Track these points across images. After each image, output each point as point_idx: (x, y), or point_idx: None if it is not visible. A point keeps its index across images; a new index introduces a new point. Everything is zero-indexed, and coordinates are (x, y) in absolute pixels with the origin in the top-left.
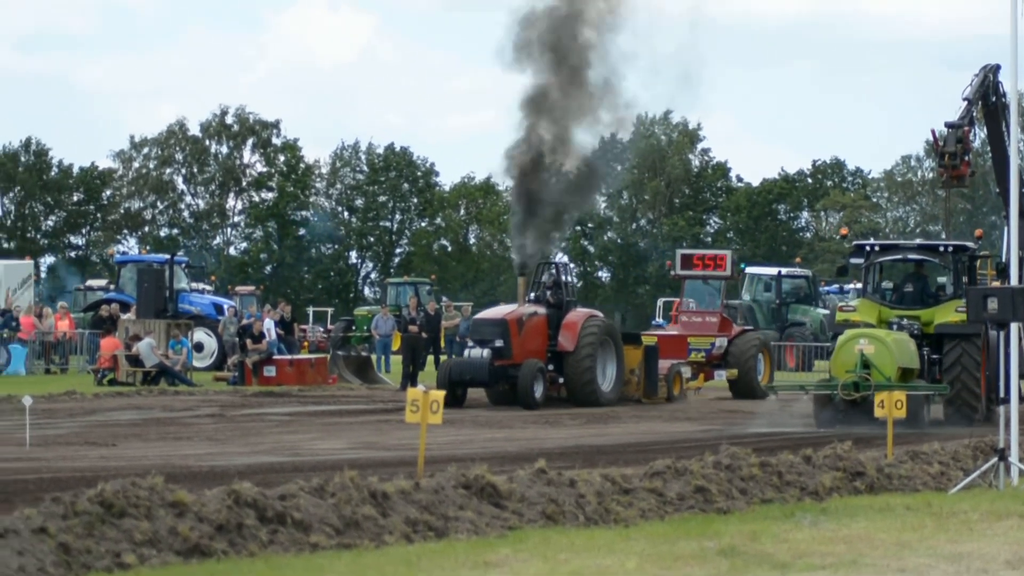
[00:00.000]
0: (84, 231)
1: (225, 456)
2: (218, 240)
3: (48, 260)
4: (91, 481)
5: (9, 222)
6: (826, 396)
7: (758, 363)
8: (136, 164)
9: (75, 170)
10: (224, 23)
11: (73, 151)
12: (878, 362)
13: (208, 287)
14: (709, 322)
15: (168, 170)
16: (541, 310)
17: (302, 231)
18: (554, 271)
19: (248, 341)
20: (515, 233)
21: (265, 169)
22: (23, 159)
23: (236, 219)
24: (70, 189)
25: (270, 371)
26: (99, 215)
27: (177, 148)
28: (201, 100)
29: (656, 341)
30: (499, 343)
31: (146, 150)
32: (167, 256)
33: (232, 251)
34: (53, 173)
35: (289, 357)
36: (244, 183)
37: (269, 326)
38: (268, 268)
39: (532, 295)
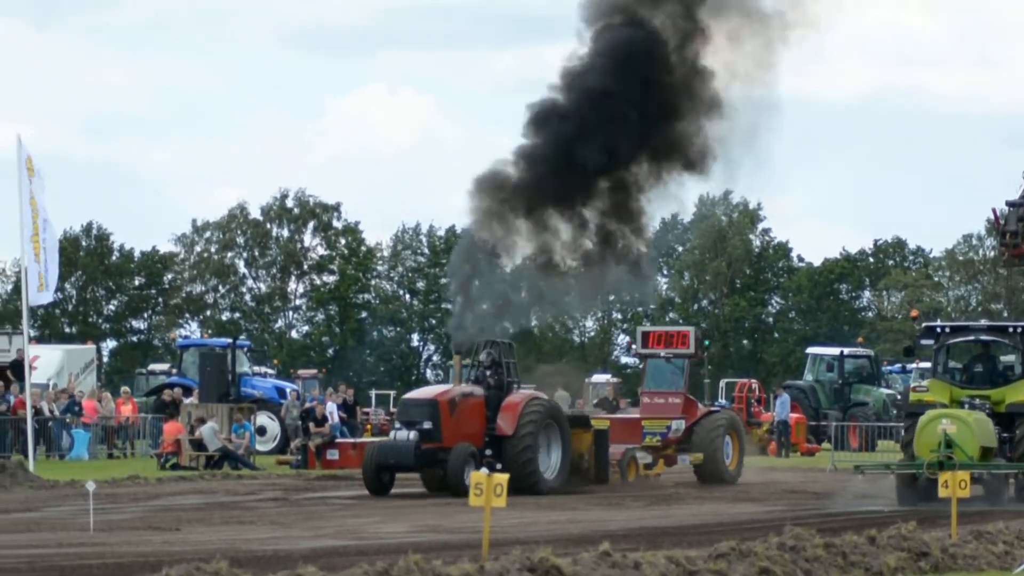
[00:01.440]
0: (146, 315)
1: (289, 540)
2: (280, 323)
3: (110, 344)
4: (155, 566)
5: (71, 307)
6: (910, 475)
7: (726, 446)
8: (198, 248)
9: (136, 254)
10: (285, 107)
11: (134, 235)
12: (961, 441)
13: (270, 371)
14: (672, 403)
15: (229, 254)
16: (478, 391)
17: (364, 314)
18: (493, 351)
19: (311, 424)
20: (456, 309)
21: (326, 252)
22: (84, 243)
23: (298, 302)
24: (131, 273)
25: (333, 454)
26: (160, 299)
27: (238, 231)
28: (262, 184)
29: (608, 425)
30: (427, 425)
31: (207, 234)
32: (229, 340)
33: (294, 334)
34: (114, 257)
35: (352, 440)
36: (305, 266)
37: (332, 409)
38: (330, 351)
39: (472, 376)
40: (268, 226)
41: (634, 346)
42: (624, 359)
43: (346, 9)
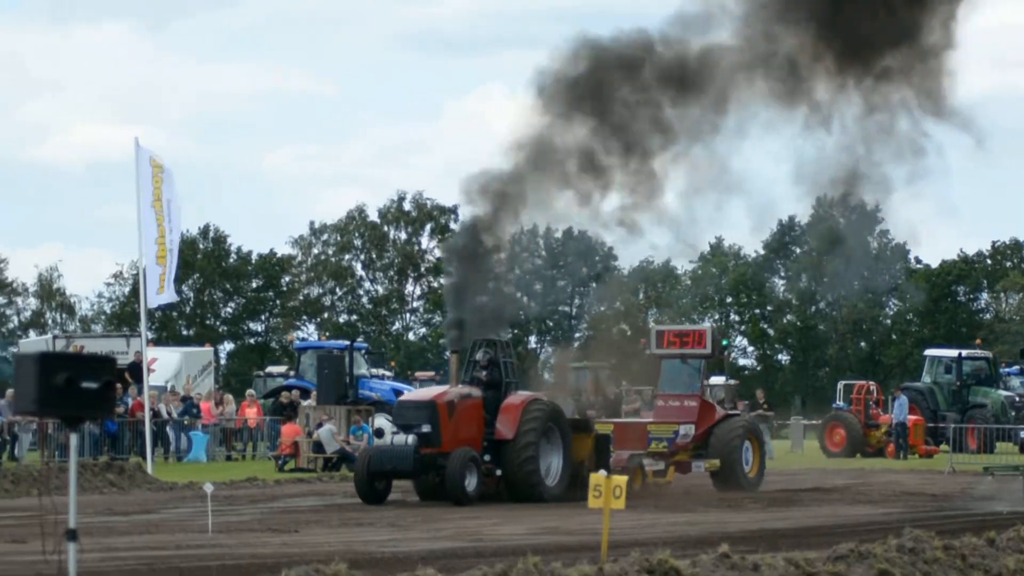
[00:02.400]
0: (263, 318)
1: (407, 542)
2: (397, 326)
3: (227, 347)
4: (273, 568)
5: (188, 309)
6: None
7: (744, 452)
8: (315, 250)
9: (254, 257)
10: (403, 108)
11: (252, 238)
12: None
13: (388, 373)
14: (688, 407)
15: (347, 256)
16: (476, 392)
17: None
18: (490, 349)
19: None
20: (450, 303)
21: (444, 255)
22: (202, 246)
23: (415, 304)
24: (249, 276)
25: None
26: (278, 302)
27: (356, 234)
28: (380, 186)
29: (612, 429)
30: (426, 428)
31: (325, 236)
32: (347, 342)
33: (411, 336)
34: (232, 260)
35: None
36: (423, 268)
37: None
38: (447, 353)
39: (467, 375)
40: (385, 228)
41: (648, 346)
42: (741, 361)
43: (464, 10)
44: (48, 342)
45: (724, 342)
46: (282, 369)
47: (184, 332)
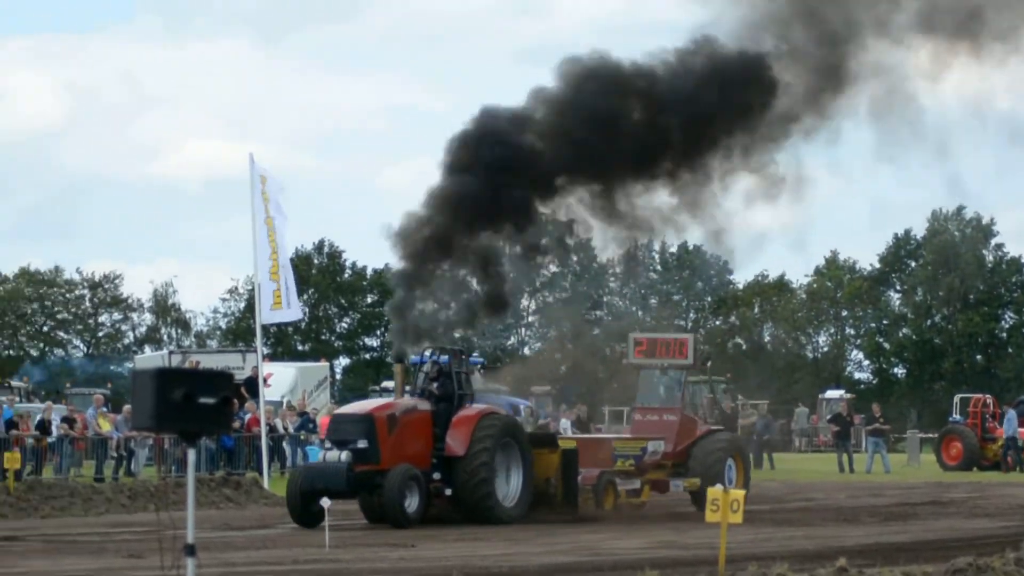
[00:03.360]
0: (378, 332)
1: (523, 556)
2: (512, 340)
3: (343, 362)
4: None
5: (304, 324)
6: None
7: (727, 470)
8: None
9: (368, 272)
10: None
11: (367, 253)
12: None
13: (503, 387)
14: (667, 421)
15: (462, 271)
16: (424, 405)
17: (596, 331)
18: (439, 359)
19: None
20: (393, 309)
21: (558, 269)
22: (316, 261)
23: (530, 319)
24: (364, 291)
25: None
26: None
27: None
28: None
29: (575, 445)
30: (362, 444)
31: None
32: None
33: (526, 351)
34: (346, 275)
35: None
36: (538, 283)
37: (565, 425)
38: (563, 368)
39: (418, 387)
40: (502, 243)
41: (626, 356)
42: (857, 374)
43: (583, 25)
44: (164, 358)
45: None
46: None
47: (299, 347)
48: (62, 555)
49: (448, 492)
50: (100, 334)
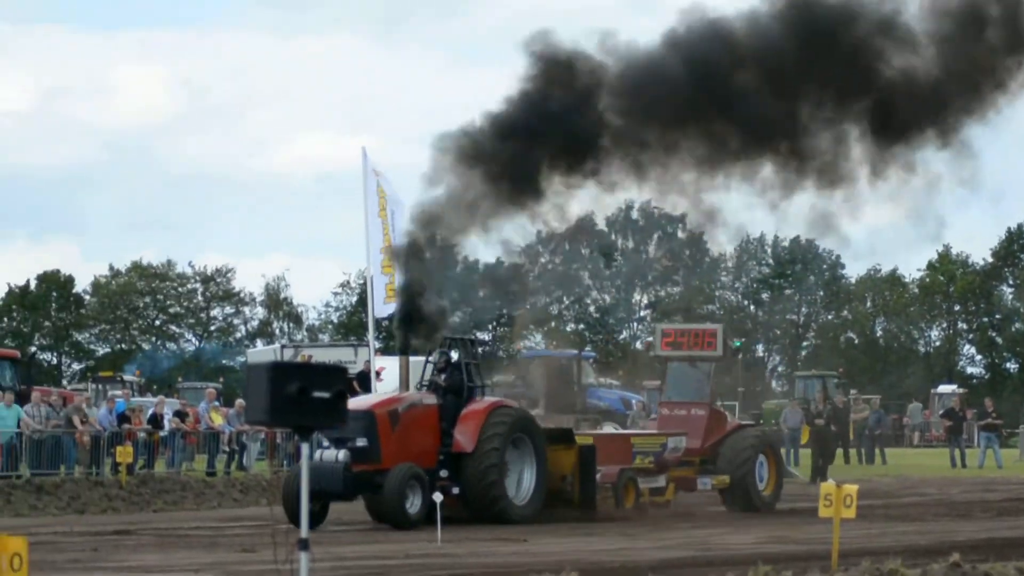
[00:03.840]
0: (490, 327)
1: (636, 551)
2: (624, 335)
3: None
4: None
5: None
6: None
7: (758, 467)
8: (543, 259)
9: (480, 266)
10: None
11: (479, 247)
12: None
13: (615, 382)
14: (695, 415)
15: (575, 265)
16: (430, 399)
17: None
18: (450, 349)
19: None
20: (399, 294)
21: (670, 263)
22: (428, 255)
23: (642, 313)
24: (476, 285)
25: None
26: (505, 311)
27: (584, 243)
28: (609, 197)
29: (592, 441)
30: (361, 442)
31: (552, 245)
32: (575, 351)
33: (637, 345)
34: (459, 269)
35: None
36: (650, 277)
37: None
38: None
39: (423, 381)
40: (613, 237)
41: (652, 348)
42: (969, 369)
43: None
44: (276, 352)
45: (736, 343)
46: (510, 379)
47: (412, 341)
48: (174, 549)
49: (455, 491)
50: (212, 328)
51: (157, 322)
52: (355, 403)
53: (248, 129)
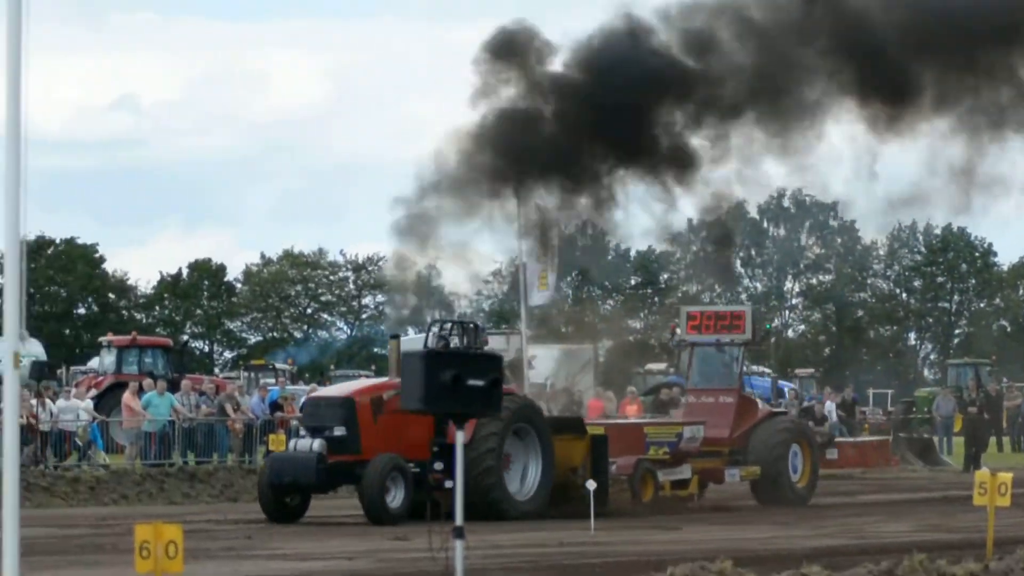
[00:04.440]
0: (642, 315)
1: (789, 540)
2: (776, 322)
3: (605, 344)
4: (657, 565)
5: (567, 307)
6: None
7: (792, 457)
8: (694, 247)
9: (632, 253)
10: None
11: (630, 234)
12: None
13: (767, 370)
14: (723, 403)
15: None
16: None
17: (860, 312)
18: (449, 333)
19: (810, 423)
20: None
21: (822, 251)
22: (580, 243)
23: (794, 301)
24: (628, 273)
25: (832, 454)
26: (656, 298)
27: (735, 231)
28: (761, 183)
29: (603, 431)
30: (339, 431)
31: (704, 233)
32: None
33: (790, 333)
34: (610, 257)
35: (851, 439)
36: (802, 265)
37: (830, 408)
38: (826, 350)
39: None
40: (765, 225)
41: (678, 331)
42: None
43: None
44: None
45: (767, 326)
46: (661, 366)
47: (563, 329)
48: (328, 536)
49: (448, 484)
50: (364, 316)
51: (308, 310)
52: (333, 389)
53: (399, 117)
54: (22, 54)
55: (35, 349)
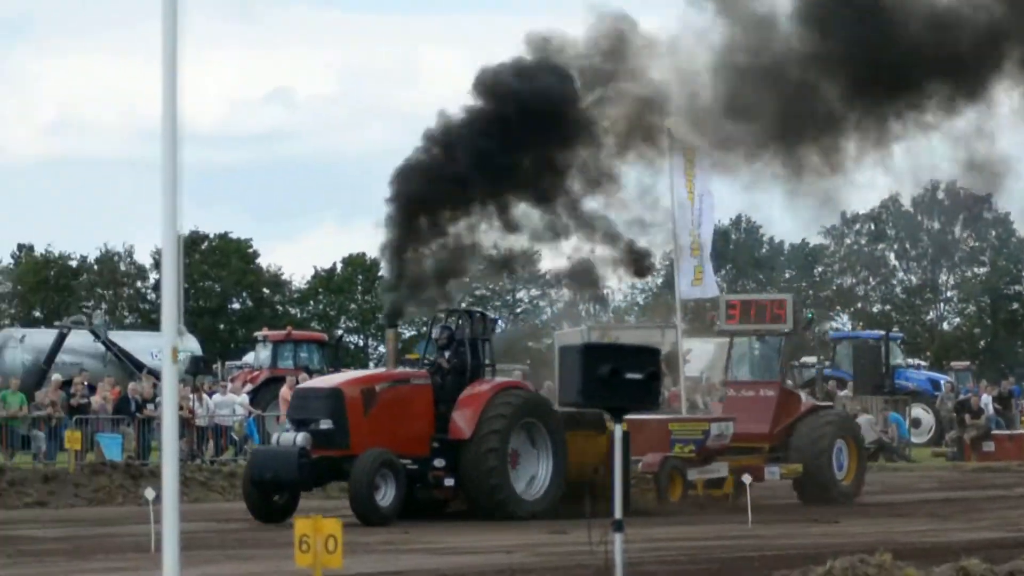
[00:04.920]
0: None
1: (946, 532)
2: (931, 315)
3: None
4: (815, 558)
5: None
6: None
7: (837, 453)
8: (848, 240)
9: (786, 247)
10: None
11: (784, 228)
12: None
13: (923, 363)
14: (764, 397)
15: (880, 245)
16: (420, 378)
17: (1015, 305)
18: (452, 324)
19: (966, 416)
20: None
21: (976, 243)
22: (734, 237)
23: (948, 294)
24: (782, 267)
25: (988, 446)
26: (811, 291)
27: (889, 223)
28: (910, 176)
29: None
30: (325, 424)
31: (857, 226)
32: (882, 332)
33: (944, 326)
34: (764, 251)
35: (1008, 432)
36: (956, 258)
37: (986, 401)
38: (981, 343)
39: (424, 358)
40: (919, 218)
41: (717, 322)
42: None
43: None
44: (582, 333)
45: (808, 315)
46: (815, 359)
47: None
48: (485, 530)
49: (449, 482)
50: (518, 310)
51: (463, 304)
52: (322, 380)
53: None
54: (177, 49)
55: (191, 344)
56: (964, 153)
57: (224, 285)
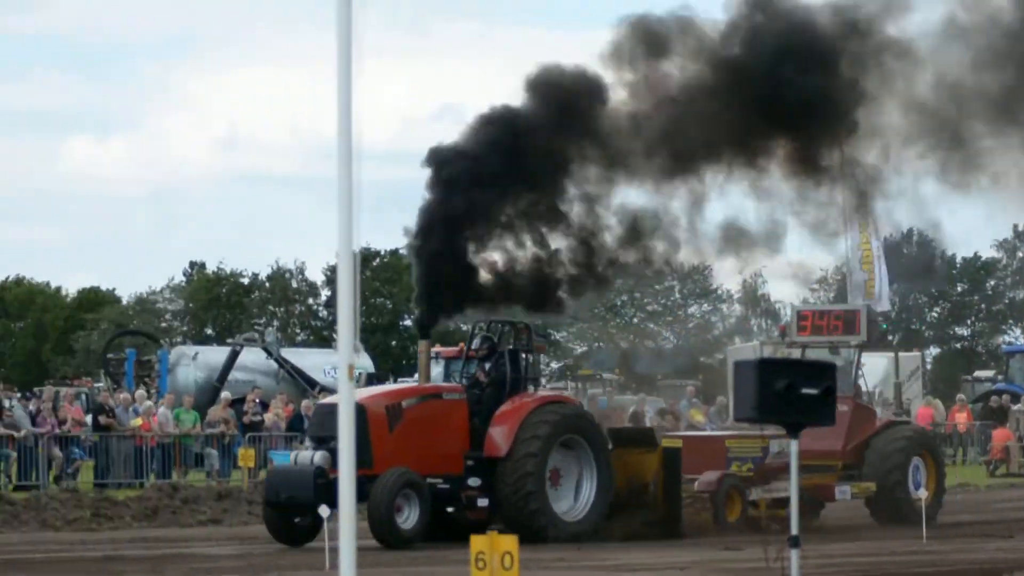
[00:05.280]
0: (969, 322)
1: None
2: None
3: (933, 351)
4: (990, 572)
5: (894, 314)
6: None
7: (912, 471)
8: (1020, 254)
9: (958, 260)
10: None
11: (958, 242)
12: None
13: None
14: (837, 411)
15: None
16: (454, 393)
17: None
18: (495, 336)
19: None
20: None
21: None
22: (905, 251)
23: None
24: (955, 280)
25: None
26: (983, 305)
27: None
28: None
29: (679, 444)
30: None
31: None
32: None
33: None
34: (936, 264)
35: None
36: None
37: None
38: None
39: (464, 373)
40: None
41: (787, 334)
42: None
43: None
44: (755, 348)
45: (882, 326)
46: (990, 374)
47: (889, 336)
48: (658, 547)
49: (482, 503)
50: (690, 325)
51: (635, 320)
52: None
53: None
54: (352, 68)
55: (365, 362)
56: None
57: (396, 301)
